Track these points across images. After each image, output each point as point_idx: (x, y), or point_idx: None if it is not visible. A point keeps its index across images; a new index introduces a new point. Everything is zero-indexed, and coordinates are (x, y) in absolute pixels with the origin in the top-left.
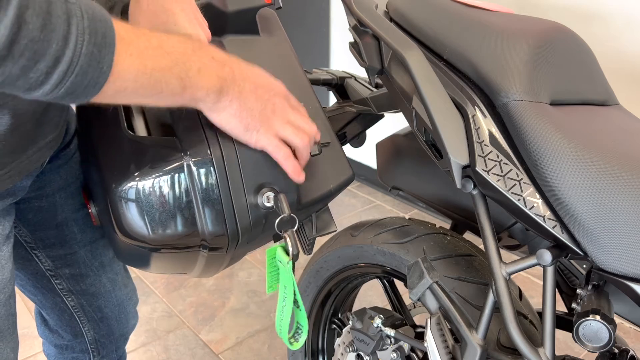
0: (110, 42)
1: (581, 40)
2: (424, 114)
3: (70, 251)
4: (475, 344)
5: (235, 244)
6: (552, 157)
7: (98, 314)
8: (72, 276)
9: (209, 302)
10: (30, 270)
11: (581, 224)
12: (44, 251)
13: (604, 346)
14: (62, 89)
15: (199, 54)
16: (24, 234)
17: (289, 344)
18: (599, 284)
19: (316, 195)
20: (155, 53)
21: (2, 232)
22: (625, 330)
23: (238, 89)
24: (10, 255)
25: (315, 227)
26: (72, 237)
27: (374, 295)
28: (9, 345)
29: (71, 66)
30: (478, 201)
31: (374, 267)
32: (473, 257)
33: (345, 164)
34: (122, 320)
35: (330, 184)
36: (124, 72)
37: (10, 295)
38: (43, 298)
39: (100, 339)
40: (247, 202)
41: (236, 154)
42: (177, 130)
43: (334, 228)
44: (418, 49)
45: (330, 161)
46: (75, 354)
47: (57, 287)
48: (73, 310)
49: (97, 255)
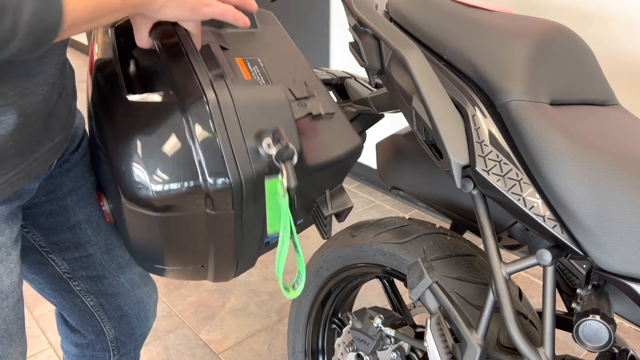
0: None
1: (581, 40)
2: (424, 114)
3: (85, 254)
4: (475, 343)
5: (240, 198)
6: (552, 157)
7: (118, 312)
8: (89, 278)
9: (209, 302)
10: (47, 274)
11: (581, 224)
12: (60, 254)
13: (603, 346)
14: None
15: None
16: (37, 239)
17: (284, 290)
18: (599, 284)
19: (324, 159)
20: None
21: (11, 235)
22: (625, 330)
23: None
24: (18, 259)
25: (331, 205)
26: (87, 239)
27: (374, 295)
28: (17, 349)
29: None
30: (478, 201)
31: (374, 267)
32: (473, 257)
33: (352, 132)
34: (142, 318)
35: (338, 150)
36: (75, 3)
37: (18, 299)
38: (63, 300)
39: (121, 337)
40: (247, 148)
41: (232, 99)
42: (172, 82)
43: (350, 204)
44: (418, 49)
45: (336, 129)
46: (96, 352)
47: (75, 288)
48: (93, 309)
49: (114, 257)
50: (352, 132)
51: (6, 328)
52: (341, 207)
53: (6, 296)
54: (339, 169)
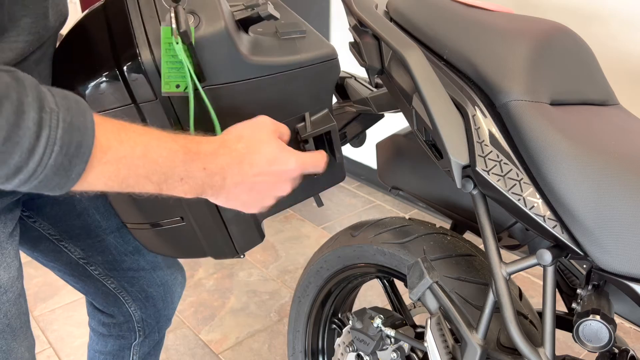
0: (85, 152)
1: (581, 40)
2: (424, 114)
3: (97, 239)
4: (475, 344)
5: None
6: (552, 157)
7: (142, 294)
8: (106, 262)
9: (209, 302)
10: (63, 261)
11: (581, 224)
12: (71, 242)
13: (604, 346)
14: (23, 188)
15: (189, 165)
16: (45, 227)
17: None
18: (599, 284)
19: (283, 58)
20: (134, 162)
21: (4, 229)
22: (625, 330)
23: (225, 193)
24: (16, 253)
25: (310, 125)
26: (97, 225)
27: (374, 295)
28: (23, 344)
29: (34, 175)
30: (478, 201)
31: (374, 267)
32: (473, 257)
33: (324, 41)
34: (167, 300)
35: (309, 54)
36: (94, 179)
37: (19, 293)
38: (84, 284)
39: (147, 319)
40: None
41: None
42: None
43: (332, 122)
44: (418, 49)
45: (308, 41)
46: (122, 332)
47: (93, 273)
48: (116, 292)
49: (129, 241)
50: (324, 42)
51: (8, 322)
52: (322, 125)
53: (5, 290)
54: (314, 79)
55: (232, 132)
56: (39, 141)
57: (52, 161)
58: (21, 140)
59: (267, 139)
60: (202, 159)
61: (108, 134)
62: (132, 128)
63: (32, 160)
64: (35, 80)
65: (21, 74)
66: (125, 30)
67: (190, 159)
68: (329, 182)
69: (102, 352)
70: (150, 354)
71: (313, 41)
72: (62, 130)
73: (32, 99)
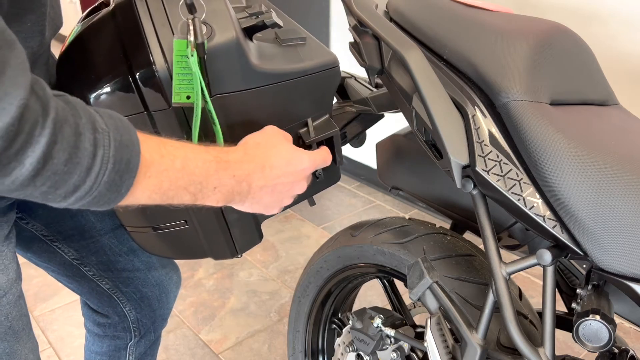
0: (133, 168)
1: (581, 40)
2: (424, 114)
3: (92, 240)
4: (475, 344)
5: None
6: (552, 157)
7: (137, 294)
8: (100, 262)
9: (209, 302)
10: (56, 262)
11: (581, 224)
12: (65, 242)
13: (604, 346)
14: (77, 205)
15: (220, 174)
16: (38, 229)
17: None
18: (599, 284)
19: (288, 66)
20: (175, 175)
21: (0, 232)
22: (625, 330)
23: (250, 198)
24: (13, 255)
25: (313, 130)
26: (91, 226)
27: (374, 295)
28: (26, 346)
29: (90, 192)
30: (478, 201)
31: (374, 267)
32: (473, 257)
33: (325, 50)
34: (162, 300)
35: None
36: (139, 193)
37: (19, 295)
38: (79, 285)
39: (142, 319)
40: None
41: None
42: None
43: (334, 128)
44: (418, 49)
45: (309, 49)
46: (118, 332)
47: (87, 274)
48: (111, 292)
49: (123, 241)
50: (325, 49)
51: (10, 325)
52: (325, 131)
53: (5, 293)
54: (317, 87)
55: (249, 140)
56: (95, 160)
57: (106, 178)
58: (81, 161)
59: (280, 142)
60: (231, 167)
61: (150, 149)
62: (169, 142)
63: (89, 179)
64: (82, 102)
65: (71, 98)
66: (138, 37)
67: (222, 167)
68: (326, 183)
69: (98, 352)
70: (147, 354)
71: (314, 48)
72: (114, 149)
73: (86, 121)
